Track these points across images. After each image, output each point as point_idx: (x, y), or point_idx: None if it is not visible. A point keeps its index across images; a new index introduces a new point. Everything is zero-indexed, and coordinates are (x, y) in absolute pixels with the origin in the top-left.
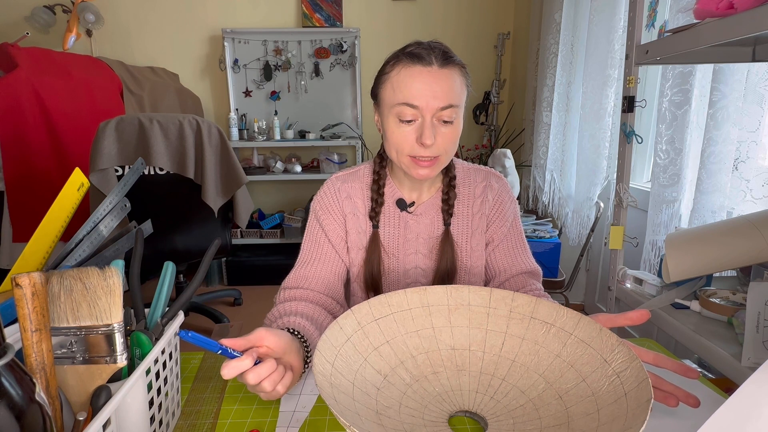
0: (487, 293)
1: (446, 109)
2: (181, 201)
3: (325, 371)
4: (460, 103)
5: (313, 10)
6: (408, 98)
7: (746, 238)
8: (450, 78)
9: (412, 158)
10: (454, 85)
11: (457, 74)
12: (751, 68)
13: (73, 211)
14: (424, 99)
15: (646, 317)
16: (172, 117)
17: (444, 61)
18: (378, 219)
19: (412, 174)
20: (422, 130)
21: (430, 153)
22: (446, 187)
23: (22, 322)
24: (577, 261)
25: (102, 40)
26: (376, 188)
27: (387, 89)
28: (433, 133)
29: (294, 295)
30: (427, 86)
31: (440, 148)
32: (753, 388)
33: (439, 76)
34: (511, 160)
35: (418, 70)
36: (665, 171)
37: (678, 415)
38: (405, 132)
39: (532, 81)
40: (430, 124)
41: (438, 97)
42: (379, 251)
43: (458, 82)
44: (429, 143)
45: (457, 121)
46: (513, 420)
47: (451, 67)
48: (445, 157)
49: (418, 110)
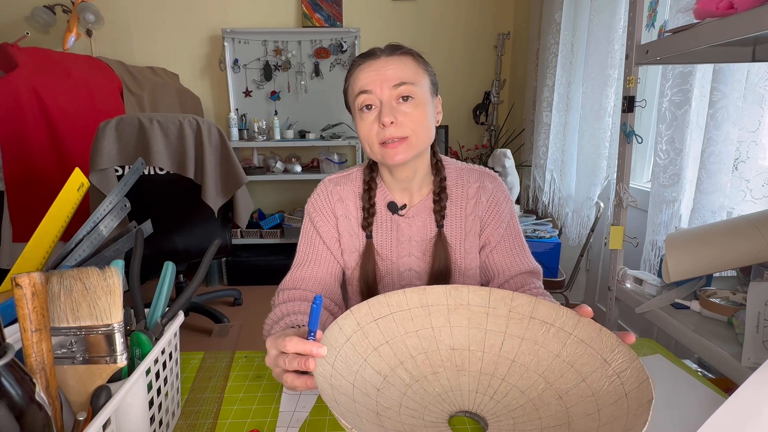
0: (487, 293)
1: (400, 86)
2: (181, 201)
3: (325, 372)
4: (415, 82)
5: (313, 10)
6: (362, 86)
7: (746, 238)
8: (399, 62)
9: (382, 144)
10: (404, 66)
11: (409, 59)
12: (751, 68)
13: (73, 211)
14: (377, 83)
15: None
16: (172, 117)
17: (391, 51)
18: (371, 229)
19: (387, 161)
20: (381, 112)
21: (396, 133)
22: (437, 188)
23: (22, 322)
24: (577, 261)
25: (102, 40)
26: (368, 197)
27: (349, 92)
28: (391, 111)
29: (292, 296)
30: (376, 72)
31: (405, 127)
32: (753, 388)
33: (387, 61)
34: (511, 160)
35: (368, 63)
36: (665, 171)
37: (678, 414)
38: (368, 120)
39: (532, 81)
40: (389, 104)
41: (388, 78)
42: (374, 260)
43: (410, 64)
44: (387, 120)
45: (419, 99)
46: (513, 420)
47: (400, 55)
48: (414, 138)
49: (373, 95)
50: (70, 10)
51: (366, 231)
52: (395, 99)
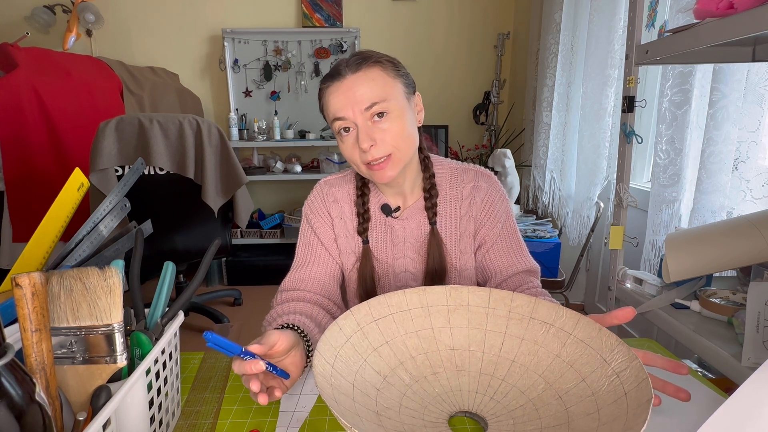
0: (486, 293)
1: (372, 107)
2: (181, 201)
3: (325, 372)
4: (387, 96)
5: (313, 10)
6: (334, 113)
7: (746, 238)
8: (366, 78)
9: (367, 165)
10: (372, 83)
11: (376, 71)
12: (751, 68)
13: (73, 211)
14: (348, 107)
15: (632, 314)
16: (172, 117)
17: (356, 66)
18: (366, 234)
19: (375, 180)
20: (358, 137)
21: (378, 154)
22: (427, 185)
23: (22, 322)
24: (577, 261)
25: (102, 40)
26: (361, 203)
27: (325, 114)
28: (368, 135)
29: (291, 297)
30: (345, 96)
31: (386, 145)
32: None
33: (354, 81)
34: (511, 160)
35: (335, 86)
36: (665, 171)
37: (678, 414)
38: (348, 143)
39: (532, 81)
40: (364, 127)
41: (358, 101)
42: (372, 266)
43: (378, 78)
44: (365, 146)
45: (394, 113)
46: (513, 420)
47: (366, 68)
48: (398, 153)
49: (348, 120)
50: (70, 10)
51: (362, 237)
52: (370, 119)
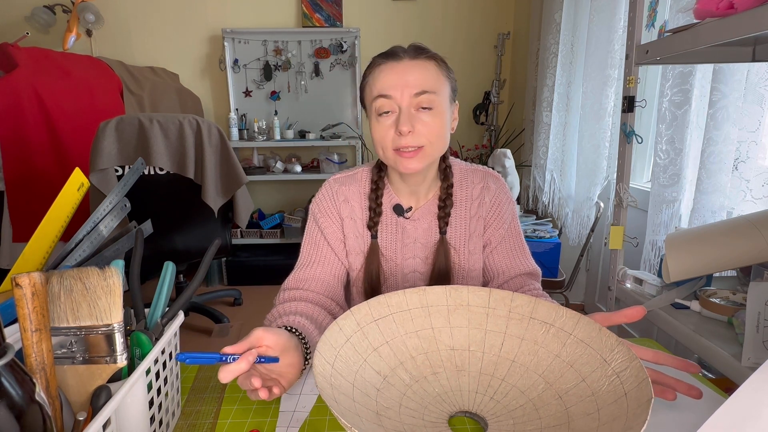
0: (486, 293)
1: (421, 95)
2: (181, 201)
3: (325, 372)
4: (437, 90)
5: (313, 10)
6: (381, 90)
7: (746, 238)
8: (422, 67)
9: (396, 151)
10: (427, 73)
11: (432, 65)
12: (751, 68)
13: (73, 211)
14: (398, 88)
15: (642, 313)
16: (172, 117)
17: (415, 54)
18: (376, 229)
19: (399, 168)
20: (399, 119)
21: (412, 142)
22: (444, 194)
23: (22, 322)
24: (577, 261)
25: (102, 40)
26: (375, 197)
27: (367, 91)
28: (410, 120)
29: (294, 296)
30: (398, 76)
31: (422, 137)
32: (753, 388)
33: (411, 66)
34: (511, 160)
35: (390, 65)
36: (665, 171)
37: (678, 413)
38: (384, 125)
39: (532, 81)
40: (407, 112)
41: (410, 85)
42: (378, 261)
43: (433, 71)
44: (405, 129)
45: (438, 109)
46: (513, 420)
47: (424, 59)
48: (430, 148)
49: (393, 101)
50: (70, 10)
51: (371, 231)
52: (414, 107)
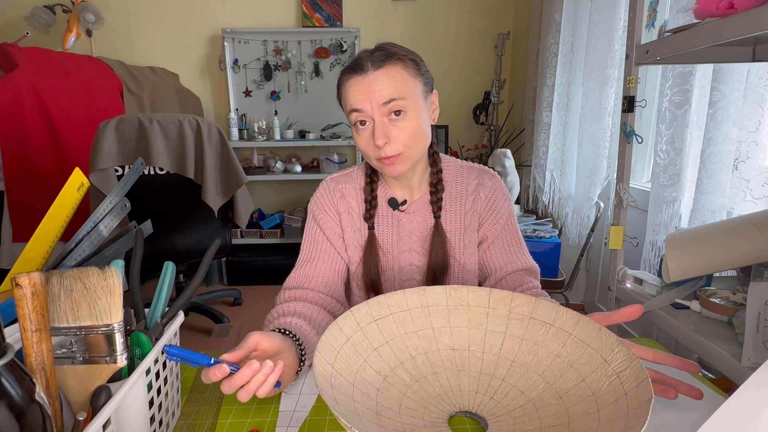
0: (486, 293)
1: (390, 103)
2: (181, 201)
3: (325, 372)
4: (406, 95)
5: (313, 10)
6: (352, 104)
7: (746, 238)
8: (388, 75)
9: (379, 159)
10: (393, 81)
11: (398, 69)
12: (751, 68)
13: (73, 211)
14: (366, 102)
15: (640, 312)
16: (172, 117)
17: (380, 62)
18: (373, 221)
19: (385, 173)
20: (374, 131)
21: (390, 152)
22: (434, 179)
23: (22, 322)
24: (577, 261)
25: (102, 40)
26: (369, 190)
27: (342, 102)
28: (383, 132)
29: (294, 296)
30: (364, 90)
31: (399, 144)
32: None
33: (375, 77)
34: (511, 160)
35: (357, 79)
36: (665, 171)
37: (678, 413)
38: (364, 137)
39: (532, 81)
40: (381, 124)
41: (377, 96)
42: (377, 252)
43: (399, 76)
44: (380, 143)
45: (411, 112)
46: (513, 420)
47: (389, 65)
48: (409, 151)
49: (365, 114)
50: (70, 10)
51: (368, 222)
52: (387, 115)
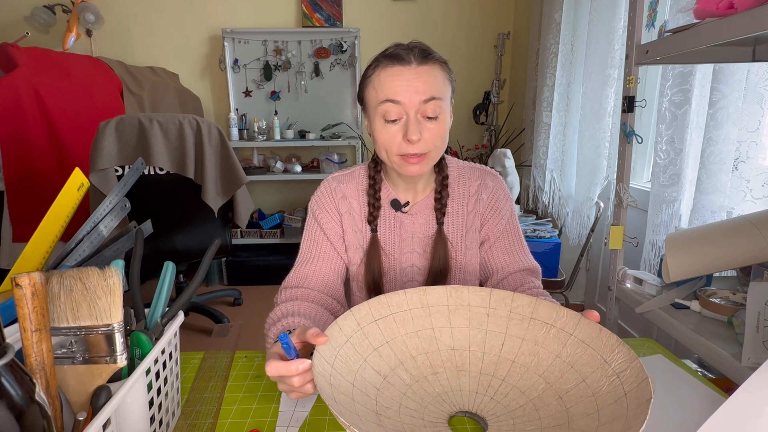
0: (487, 294)
1: (429, 102)
2: (181, 201)
3: (325, 372)
4: (443, 96)
5: (313, 10)
6: (389, 95)
7: (746, 238)
8: (430, 73)
9: (402, 156)
10: (434, 79)
11: (438, 69)
12: (751, 68)
13: (73, 211)
14: (406, 95)
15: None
16: (172, 117)
17: (423, 58)
18: (376, 223)
19: (403, 172)
20: (407, 127)
21: (419, 149)
22: (439, 187)
23: (22, 322)
24: (577, 261)
25: (102, 40)
26: (373, 192)
27: (370, 91)
28: (418, 128)
29: (294, 295)
30: (408, 82)
31: (428, 143)
32: (753, 388)
33: (419, 72)
34: (511, 160)
35: (398, 69)
36: (665, 171)
37: (678, 414)
38: (391, 131)
39: (532, 81)
40: (415, 120)
41: (419, 92)
42: (379, 255)
43: (439, 77)
44: (415, 138)
45: (442, 116)
46: (513, 420)
47: (431, 63)
48: (434, 152)
49: (401, 106)
50: (70, 10)
51: (371, 225)
52: (421, 113)
